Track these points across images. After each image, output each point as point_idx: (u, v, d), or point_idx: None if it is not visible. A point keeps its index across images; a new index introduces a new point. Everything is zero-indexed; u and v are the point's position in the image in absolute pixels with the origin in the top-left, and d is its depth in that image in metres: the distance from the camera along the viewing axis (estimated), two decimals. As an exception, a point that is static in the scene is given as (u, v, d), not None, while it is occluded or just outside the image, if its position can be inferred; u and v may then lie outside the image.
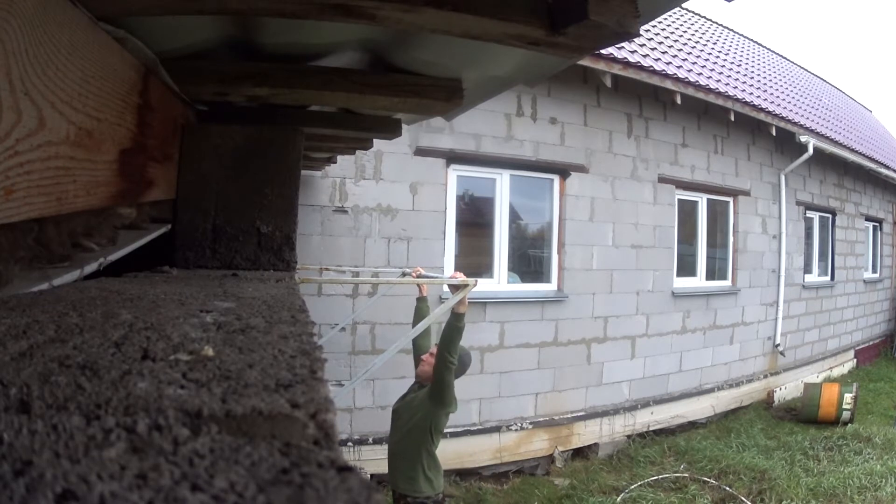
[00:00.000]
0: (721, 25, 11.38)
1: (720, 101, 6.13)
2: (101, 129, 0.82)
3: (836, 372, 8.78)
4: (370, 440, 4.35)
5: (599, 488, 4.60)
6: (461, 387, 2.97)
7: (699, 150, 6.36)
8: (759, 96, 7.23)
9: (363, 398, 4.38)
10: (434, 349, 2.91)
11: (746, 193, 6.95)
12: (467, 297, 2.64)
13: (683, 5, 2.71)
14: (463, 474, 4.66)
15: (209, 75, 1.25)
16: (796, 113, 7.93)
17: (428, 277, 3.08)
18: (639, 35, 0.89)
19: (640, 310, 5.76)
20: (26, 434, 0.26)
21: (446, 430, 3.07)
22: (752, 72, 8.73)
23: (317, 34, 1.20)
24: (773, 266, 7.33)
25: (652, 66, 5.45)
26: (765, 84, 8.46)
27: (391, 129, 1.97)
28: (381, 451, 4.31)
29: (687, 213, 6.39)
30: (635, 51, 5.56)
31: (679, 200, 6.20)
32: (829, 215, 8.94)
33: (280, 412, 0.30)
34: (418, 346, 3.17)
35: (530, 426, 5.03)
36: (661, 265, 5.95)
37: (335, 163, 3.71)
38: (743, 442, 5.60)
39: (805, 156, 7.20)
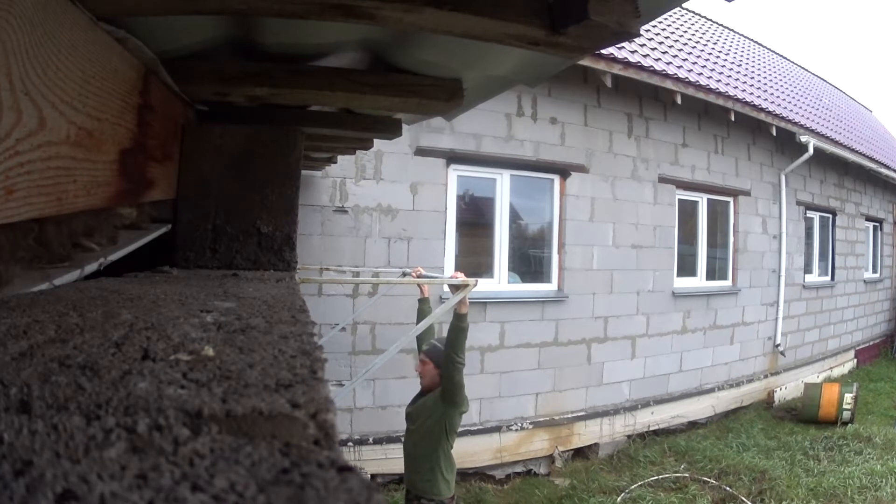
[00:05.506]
0: (721, 25, 11.38)
1: (720, 101, 6.12)
2: (102, 129, 0.82)
3: (837, 372, 8.78)
4: (370, 440, 4.35)
5: (600, 488, 4.60)
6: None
7: (699, 150, 6.36)
8: (759, 96, 7.23)
9: (363, 398, 4.38)
10: (422, 356, 2.93)
11: (747, 193, 6.95)
12: (468, 297, 2.65)
13: (683, 5, 2.70)
14: (463, 474, 4.65)
15: (209, 75, 1.25)
16: (796, 113, 7.92)
17: (428, 277, 3.08)
18: (639, 35, 0.89)
19: (640, 310, 5.75)
20: (26, 434, 0.26)
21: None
22: (752, 72, 8.73)
23: (317, 34, 1.20)
24: (773, 266, 7.33)
25: (652, 66, 5.45)
26: (765, 84, 8.45)
27: (391, 129, 1.97)
28: (382, 451, 4.32)
29: (687, 213, 6.38)
30: (635, 51, 5.56)
31: (679, 200, 6.20)
32: (830, 215, 8.93)
33: (280, 412, 0.30)
34: (421, 345, 3.18)
35: (530, 426, 5.03)
36: (662, 265, 5.95)
37: (335, 163, 3.71)
38: (743, 442, 5.60)
39: (805, 156, 7.20)
